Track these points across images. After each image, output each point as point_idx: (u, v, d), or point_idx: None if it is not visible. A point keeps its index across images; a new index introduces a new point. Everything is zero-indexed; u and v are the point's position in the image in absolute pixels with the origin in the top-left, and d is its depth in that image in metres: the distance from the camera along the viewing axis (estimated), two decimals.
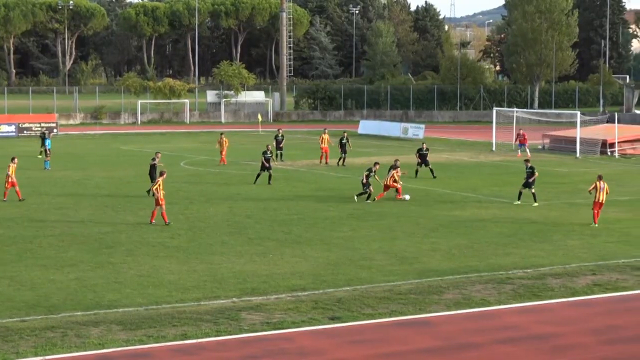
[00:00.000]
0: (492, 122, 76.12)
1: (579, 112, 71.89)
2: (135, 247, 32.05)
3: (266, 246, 32.45)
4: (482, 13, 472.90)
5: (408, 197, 44.16)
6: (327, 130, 64.14)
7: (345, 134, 61.53)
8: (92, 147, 74.92)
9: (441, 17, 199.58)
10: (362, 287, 26.30)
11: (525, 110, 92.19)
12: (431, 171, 53.02)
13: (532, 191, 42.40)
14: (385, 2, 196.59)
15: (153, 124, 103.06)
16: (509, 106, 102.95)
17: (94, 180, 52.03)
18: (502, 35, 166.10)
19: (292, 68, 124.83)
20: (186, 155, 65.13)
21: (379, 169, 44.95)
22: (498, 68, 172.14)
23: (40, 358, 19.80)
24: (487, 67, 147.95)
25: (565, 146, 71.30)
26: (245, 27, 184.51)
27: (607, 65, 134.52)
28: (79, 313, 23.30)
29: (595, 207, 37.21)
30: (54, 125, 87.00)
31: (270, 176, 49.79)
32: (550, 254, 31.47)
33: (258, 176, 50.02)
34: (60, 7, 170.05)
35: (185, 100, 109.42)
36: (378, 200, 43.39)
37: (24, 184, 45.79)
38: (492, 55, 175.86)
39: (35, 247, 32.14)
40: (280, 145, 61.86)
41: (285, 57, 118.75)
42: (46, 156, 58.61)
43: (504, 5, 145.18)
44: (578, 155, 67.01)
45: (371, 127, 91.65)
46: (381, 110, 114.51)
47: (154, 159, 45.60)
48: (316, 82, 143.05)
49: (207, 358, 20.19)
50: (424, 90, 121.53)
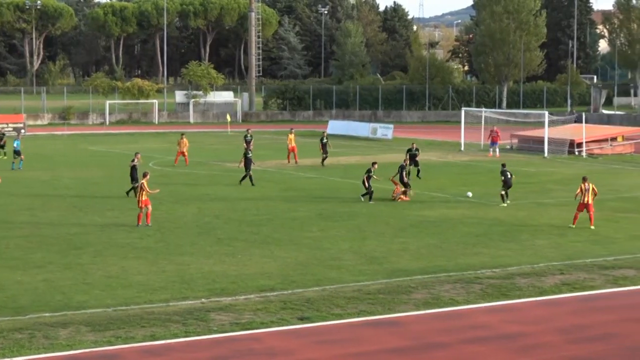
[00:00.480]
0: (460, 122, 76.40)
1: (546, 112, 72.25)
2: (104, 248, 31.92)
3: (235, 247, 32.41)
4: (451, 13, 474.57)
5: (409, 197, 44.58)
6: (293, 130, 64.29)
7: (325, 134, 61.71)
8: (60, 148, 74.48)
9: (410, 17, 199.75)
10: (331, 287, 26.31)
11: (493, 110, 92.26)
12: (417, 171, 52.92)
13: (502, 192, 42.50)
14: (354, 2, 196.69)
15: (121, 124, 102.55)
16: (478, 106, 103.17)
17: (62, 180, 51.79)
18: (471, 36, 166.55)
19: (261, 68, 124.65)
20: (155, 156, 64.85)
21: (377, 169, 44.59)
22: (466, 68, 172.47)
23: None
24: (455, 67, 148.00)
25: (533, 146, 71.61)
26: (214, 27, 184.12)
27: (575, 66, 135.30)
28: (47, 314, 23.18)
29: (579, 208, 36.84)
30: (21, 125, 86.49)
31: (245, 177, 49.69)
32: (519, 253, 31.61)
33: (250, 178, 49.63)
34: (27, 7, 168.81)
35: (154, 101, 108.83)
36: (402, 199, 43.78)
37: None
38: (460, 55, 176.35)
39: (3, 248, 31.93)
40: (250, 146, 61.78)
41: (254, 57, 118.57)
42: (18, 157, 57.67)
43: (473, 5, 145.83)
44: (546, 155, 67.34)
45: (340, 127, 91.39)
46: (350, 110, 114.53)
47: (133, 160, 45.23)
48: (285, 82, 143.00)
49: (176, 359, 20.13)
50: (393, 91, 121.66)
